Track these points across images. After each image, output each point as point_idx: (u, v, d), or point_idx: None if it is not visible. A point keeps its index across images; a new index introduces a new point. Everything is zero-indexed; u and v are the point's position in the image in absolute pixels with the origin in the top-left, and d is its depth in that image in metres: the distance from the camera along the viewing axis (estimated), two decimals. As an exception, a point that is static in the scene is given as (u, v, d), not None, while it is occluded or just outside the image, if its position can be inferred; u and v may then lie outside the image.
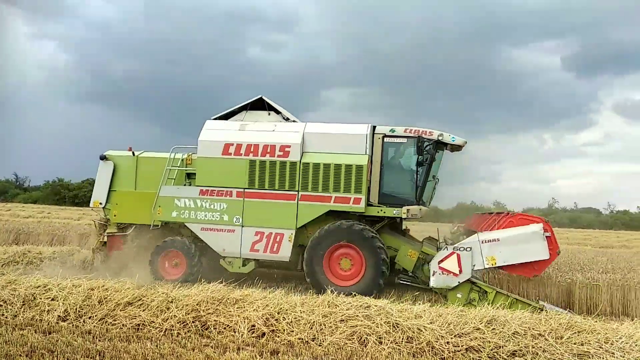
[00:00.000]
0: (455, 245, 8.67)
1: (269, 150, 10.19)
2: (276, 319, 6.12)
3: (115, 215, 10.84)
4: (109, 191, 11.04)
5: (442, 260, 8.66)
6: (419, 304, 6.73)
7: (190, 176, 10.90)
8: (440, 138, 10.02)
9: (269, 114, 11.01)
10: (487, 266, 8.63)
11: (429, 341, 5.58)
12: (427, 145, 10.01)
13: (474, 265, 8.54)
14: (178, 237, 10.37)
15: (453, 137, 10.14)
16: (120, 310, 6.42)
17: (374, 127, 10.17)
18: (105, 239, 10.87)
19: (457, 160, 10.80)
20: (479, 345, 5.47)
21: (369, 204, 9.86)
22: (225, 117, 11.03)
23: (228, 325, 6.10)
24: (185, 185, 10.81)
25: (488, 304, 7.96)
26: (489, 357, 5.34)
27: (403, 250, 10.13)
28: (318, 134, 10.30)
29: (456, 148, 10.42)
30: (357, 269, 9.98)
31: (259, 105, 11.03)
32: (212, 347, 5.62)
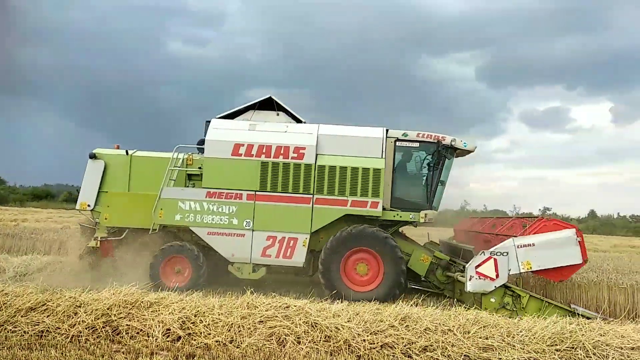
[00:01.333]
0: (492, 250, 8.57)
1: (282, 152, 9.78)
2: (193, 322, 5.97)
3: (106, 219, 10.03)
4: (99, 192, 10.22)
5: (479, 265, 8.50)
6: (337, 303, 6.85)
7: (191, 177, 10.29)
8: (453, 143, 10.12)
9: (278, 114, 10.60)
10: (522, 271, 8.62)
11: (346, 339, 5.69)
12: (443, 150, 10.08)
13: (509, 270, 8.47)
14: (178, 241, 9.83)
15: (465, 143, 10.29)
16: (22, 317, 5.98)
17: (387, 131, 10.12)
18: (96, 243, 10.02)
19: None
20: (393, 342, 5.66)
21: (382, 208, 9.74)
22: (231, 116, 10.52)
23: (141, 329, 5.86)
24: (188, 186, 10.15)
25: (522, 308, 8.37)
26: (402, 352, 5.54)
27: (416, 255, 10.09)
28: (333, 136, 10.02)
29: (465, 153, 10.58)
30: (373, 274, 9.77)
31: (268, 105, 10.62)
32: (123, 353, 5.39)
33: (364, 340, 5.69)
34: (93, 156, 10.37)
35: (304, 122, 10.52)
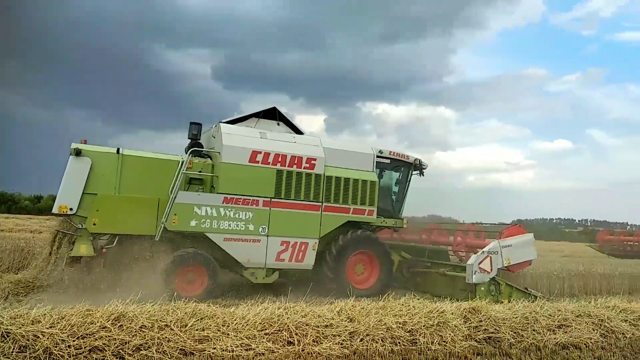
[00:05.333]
0: (488, 250, 10.57)
1: (295, 161, 10.27)
2: None
3: (94, 224, 8.88)
4: (83, 194, 8.95)
5: (481, 262, 10.37)
6: (39, 307, 5.99)
7: (191, 181, 9.81)
8: (416, 162, 12.14)
9: (279, 124, 11.17)
10: (505, 265, 10.77)
11: (47, 347, 5.02)
12: (412, 168, 12.10)
13: (497, 265, 10.60)
14: (191, 248, 9.42)
15: (422, 161, 12.24)
16: None
17: None
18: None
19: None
20: (104, 344, 5.24)
21: None
22: (233, 122, 10.71)
23: None
24: (199, 191, 9.75)
25: (500, 293, 10.56)
26: (113, 354, 5.18)
27: None
28: (334, 149, 10.97)
29: (421, 169, 12.37)
30: (368, 273, 11.11)
31: (270, 114, 11.14)
32: None
33: (70, 346, 5.12)
34: (78, 152, 9.02)
35: (303, 134, 11.29)
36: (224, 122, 10.47)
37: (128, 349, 5.25)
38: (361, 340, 6.26)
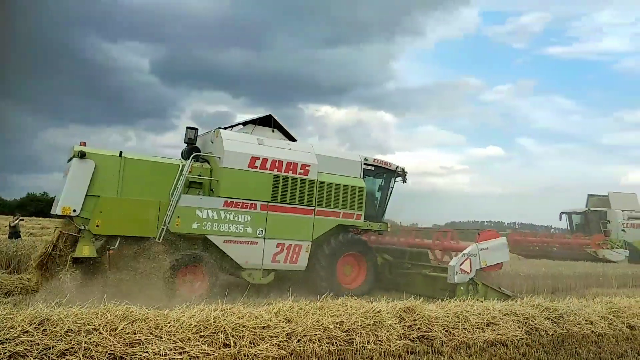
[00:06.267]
0: (467, 252, 11.16)
1: (291, 167, 10.62)
2: None
3: (98, 226, 8.99)
4: (86, 196, 8.99)
5: (461, 264, 10.92)
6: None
7: (191, 184, 10.01)
8: (399, 170, 12.72)
9: (273, 131, 11.49)
10: (482, 267, 11.32)
11: (-39, 355, 4.68)
12: (395, 175, 12.63)
13: (475, 266, 11.17)
14: (193, 250, 9.64)
15: (406, 171, 12.88)
16: None
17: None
18: (85, 253, 8.86)
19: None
20: (25, 349, 4.94)
21: None
22: (227, 128, 10.93)
23: None
24: (199, 194, 9.99)
25: (476, 292, 11.02)
26: (36, 360, 4.89)
27: None
28: (325, 156, 11.37)
29: (402, 175, 12.89)
30: (355, 274, 11.61)
31: (266, 121, 11.48)
32: None
33: (-14, 352, 4.78)
34: (82, 155, 9.02)
35: (296, 140, 11.65)
36: (222, 129, 10.73)
37: (52, 354, 4.97)
38: (298, 341, 6.24)
